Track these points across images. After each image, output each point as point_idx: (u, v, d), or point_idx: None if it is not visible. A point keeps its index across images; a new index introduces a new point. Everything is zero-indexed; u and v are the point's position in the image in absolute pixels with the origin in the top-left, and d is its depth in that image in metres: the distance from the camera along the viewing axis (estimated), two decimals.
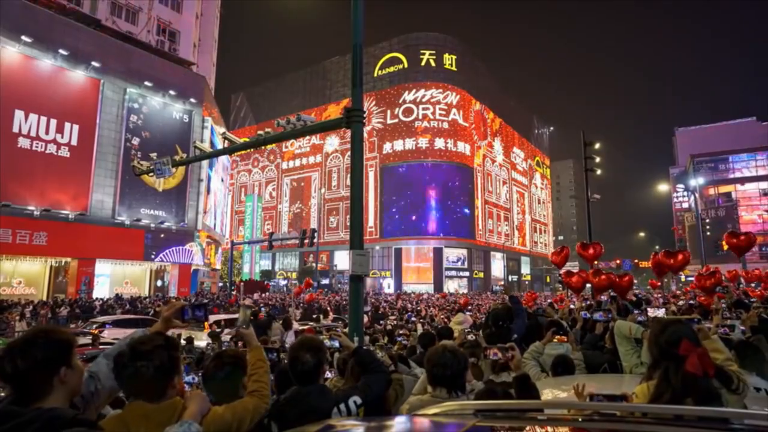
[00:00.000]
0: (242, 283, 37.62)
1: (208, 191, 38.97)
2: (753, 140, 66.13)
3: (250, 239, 52.98)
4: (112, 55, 30.73)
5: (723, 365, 2.25)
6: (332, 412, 2.34)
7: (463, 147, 62.14)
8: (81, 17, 30.76)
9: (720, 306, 7.69)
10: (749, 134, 67.98)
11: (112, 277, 31.81)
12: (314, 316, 16.93)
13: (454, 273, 59.49)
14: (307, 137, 66.46)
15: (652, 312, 5.04)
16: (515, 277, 70.60)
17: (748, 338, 4.33)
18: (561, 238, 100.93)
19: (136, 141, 31.68)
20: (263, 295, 34.48)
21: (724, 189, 63.54)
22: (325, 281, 54.19)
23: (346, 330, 7.03)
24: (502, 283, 61.62)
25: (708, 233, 57.11)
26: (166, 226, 33.33)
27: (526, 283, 73.77)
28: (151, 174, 12.57)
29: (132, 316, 16.93)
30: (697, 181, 64.79)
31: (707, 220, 60.55)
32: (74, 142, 28.53)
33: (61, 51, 27.88)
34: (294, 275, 62.19)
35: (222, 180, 47.69)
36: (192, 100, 35.55)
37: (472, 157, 63.80)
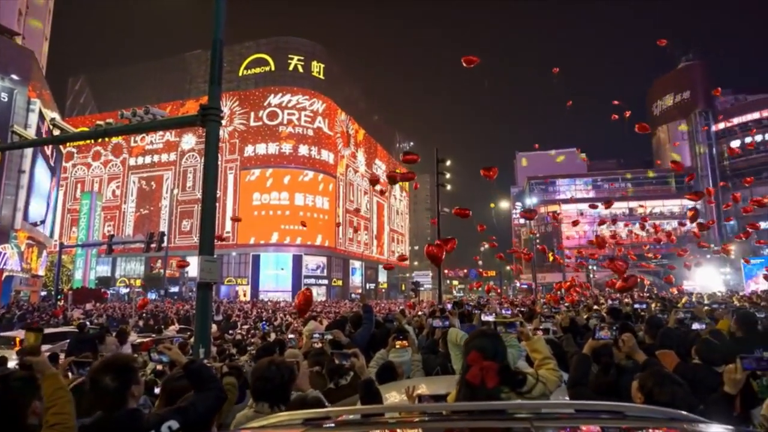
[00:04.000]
0: (71, 292, 33.00)
1: (31, 185, 33.59)
2: (574, 168, 78.37)
3: (85, 242, 46.73)
4: None
5: (540, 365, 2.53)
6: None
7: (327, 155, 62.67)
8: None
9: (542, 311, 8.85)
10: (572, 162, 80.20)
11: None
12: (156, 327, 15.50)
13: (313, 281, 59.35)
14: (161, 133, 61.12)
15: (484, 317, 5.58)
16: (373, 285, 72.84)
17: (559, 338, 5.03)
18: (417, 248, 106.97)
19: None
20: (98, 305, 30.57)
21: (552, 208, 73.36)
22: (175, 289, 50.13)
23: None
24: (360, 291, 63.14)
25: (537, 246, 65.42)
26: None
27: (383, 291, 76.57)
28: None
29: None
30: (531, 200, 74.14)
31: (538, 235, 69.38)
32: None
33: None
34: (138, 282, 56.35)
35: (52, 172, 41.41)
36: (14, 76, 30.46)
37: (336, 166, 64.63)
